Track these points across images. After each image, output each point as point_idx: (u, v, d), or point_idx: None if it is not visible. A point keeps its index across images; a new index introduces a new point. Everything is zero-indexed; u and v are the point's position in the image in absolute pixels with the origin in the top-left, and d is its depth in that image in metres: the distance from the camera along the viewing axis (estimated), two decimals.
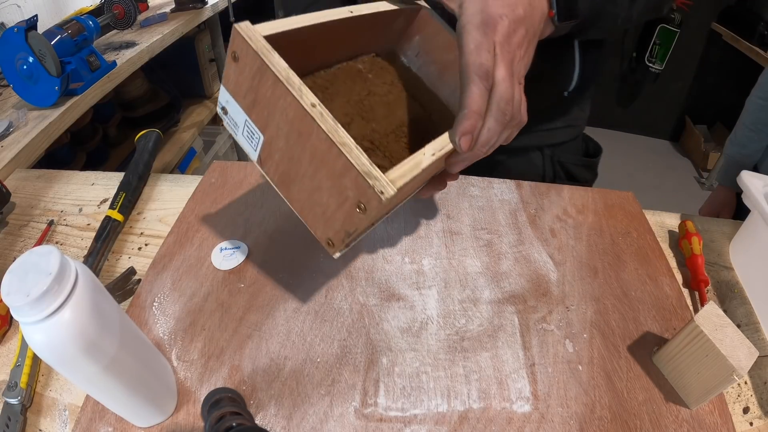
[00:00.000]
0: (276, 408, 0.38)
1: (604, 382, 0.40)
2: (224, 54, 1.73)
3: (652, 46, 2.22)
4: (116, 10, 1.18)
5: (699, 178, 2.30)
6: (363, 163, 0.29)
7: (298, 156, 0.33)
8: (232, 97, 0.35)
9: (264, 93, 0.33)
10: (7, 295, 0.25)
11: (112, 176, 0.64)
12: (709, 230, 0.58)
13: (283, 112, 0.32)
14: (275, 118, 0.33)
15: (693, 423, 0.38)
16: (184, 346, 0.42)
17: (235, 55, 0.32)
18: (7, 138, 0.76)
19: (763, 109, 0.87)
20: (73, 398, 0.40)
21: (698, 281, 0.49)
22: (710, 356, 0.36)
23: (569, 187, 0.61)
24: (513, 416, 0.38)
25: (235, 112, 0.36)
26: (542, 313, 0.46)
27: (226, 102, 0.36)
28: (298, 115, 0.31)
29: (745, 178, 0.50)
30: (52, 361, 0.28)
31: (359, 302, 0.46)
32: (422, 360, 0.42)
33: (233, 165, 0.63)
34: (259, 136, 0.35)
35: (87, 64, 0.94)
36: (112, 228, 0.54)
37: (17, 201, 0.61)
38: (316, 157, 0.32)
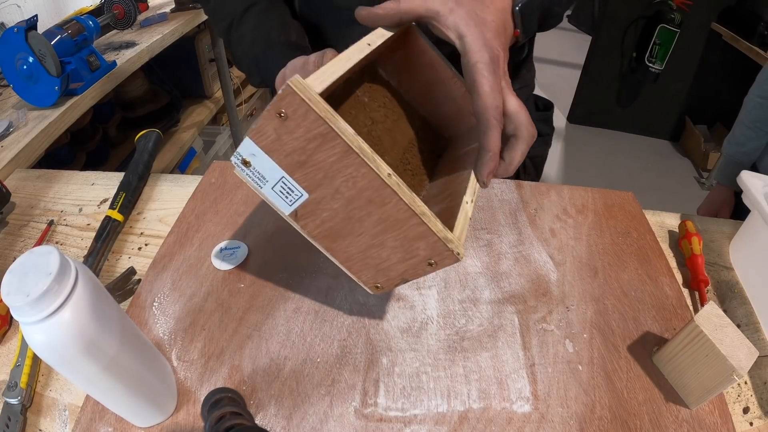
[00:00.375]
0: (276, 408, 0.38)
1: (604, 382, 0.40)
2: (224, 54, 1.73)
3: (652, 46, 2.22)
4: (116, 10, 1.18)
5: (699, 178, 2.30)
6: (440, 230, 0.32)
7: (359, 218, 0.34)
8: (266, 154, 0.32)
9: (322, 158, 0.31)
10: (7, 295, 0.25)
11: (112, 176, 0.64)
12: (709, 230, 0.58)
13: (349, 180, 0.32)
14: (334, 183, 0.32)
15: (693, 423, 0.38)
16: (184, 346, 0.42)
17: (282, 113, 0.29)
18: (7, 138, 0.76)
19: (761, 108, 0.87)
20: (73, 398, 0.40)
21: (698, 281, 0.49)
22: (710, 356, 0.36)
23: (569, 187, 0.61)
24: (513, 416, 0.38)
25: (267, 168, 0.33)
26: (542, 313, 0.46)
27: (251, 155, 0.33)
28: (371, 185, 0.31)
29: (745, 178, 0.50)
30: (52, 361, 0.28)
31: (359, 302, 0.46)
32: (422, 360, 0.42)
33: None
34: (300, 195, 0.34)
35: (87, 64, 0.94)
36: (112, 228, 0.54)
37: (17, 201, 0.61)
38: (385, 221, 0.33)
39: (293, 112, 0.29)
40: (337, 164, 0.31)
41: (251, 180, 0.34)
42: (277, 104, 0.29)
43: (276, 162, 0.32)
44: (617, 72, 2.44)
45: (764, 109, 0.87)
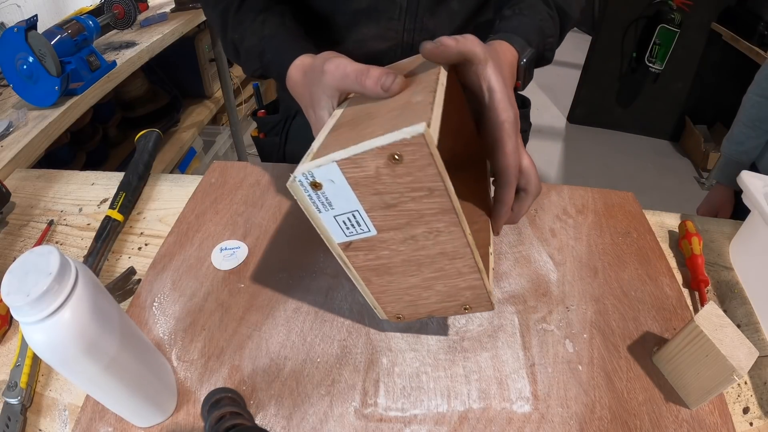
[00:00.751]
0: (276, 408, 0.38)
1: (604, 382, 0.40)
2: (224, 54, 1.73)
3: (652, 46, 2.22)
4: (116, 10, 1.18)
5: (699, 178, 2.30)
6: (489, 284, 0.35)
7: (420, 263, 0.34)
8: (350, 186, 0.30)
9: (415, 207, 0.30)
10: (7, 295, 0.25)
11: (112, 176, 0.64)
12: (709, 230, 0.58)
13: (432, 232, 0.32)
14: (413, 231, 0.32)
15: (693, 423, 0.38)
16: (184, 346, 0.42)
17: (397, 157, 0.27)
18: (7, 138, 0.76)
19: (760, 106, 0.88)
20: (73, 398, 0.40)
21: (698, 281, 0.49)
22: (710, 356, 0.36)
23: (569, 187, 0.61)
24: (513, 416, 0.38)
25: (342, 197, 0.31)
26: (542, 313, 0.46)
27: (328, 180, 0.30)
28: (452, 241, 0.32)
29: (745, 178, 0.50)
30: (52, 361, 0.28)
31: (359, 302, 0.46)
32: (422, 360, 0.42)
33: (233, 165, 0.63)
34: (366, 231, 0.32)
35: (87, 64, 0.94)
36: (112, 228, 0.54)
37: (17, 201, 0.61)
38: (445, 271, 0.34)
39: (411, 161, 0.28)
40: (428, 216, 0.31)
41: (311, 202, 0.32)
42: (396, 146, 0.27)
43: (357, 196, 0.30)
44: (617, 72, 2.44)
45: (763, 108, 0.87)
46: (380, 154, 0.28)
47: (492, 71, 0.38)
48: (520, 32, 0.48)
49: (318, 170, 0.29)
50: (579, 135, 2.59)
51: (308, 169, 0.30)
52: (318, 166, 0.29)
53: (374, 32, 0.58)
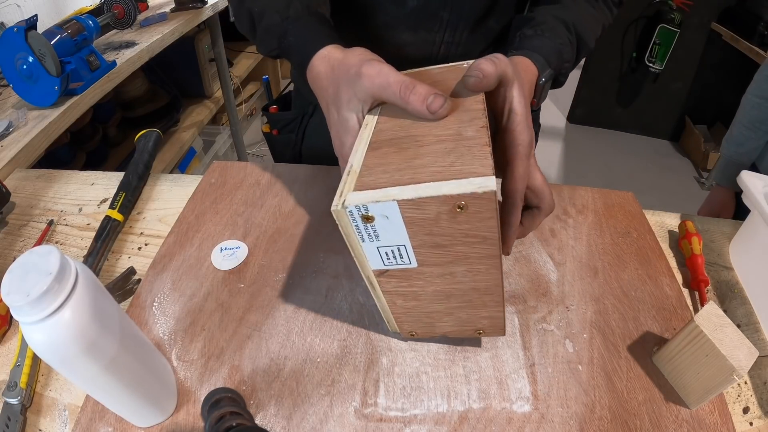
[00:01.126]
0: (276, 408, 0.38)
1: (604, 382, 0.40)
2: (224, 54, 1.73)
3: (652, 46, 2.22)
4: (116, 10, 1.18)
5: (699, 178, 2.30)
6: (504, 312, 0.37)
7: (450, 295, 0.35)
8: (405, 224, 0.29)
9: (463, 250, 0.31)
10: (7, 295, 0.25)
11: (111, 176, 0.64)
12: (709, 230, 0.58)
13: (472, 271, 0.32)
14: (454, 268, 0.32)
15: (693, 423, 0.38)
16: (184, 346, 0.42)
17: (461, 207, 0.27)
18: (7, 138, 0.76)
19: (759, 107, 0.87)
20: (73, 398, 0.40)
21: (698, 281, 0.49)
22: (710, 356, 0.36)
23: (569, 187, 0.61)
24: (513, 416, 0.38)
25: (392, 232, 0.30)
26: (542, 313, 0.46)
27: (382, 216, 0.29)
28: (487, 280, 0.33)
29: (745, 178, 0.50)
30: (52, 361, 0.28)
31: (359, 302, 0.46)
32: (422, 360, 0.42)
33: (233, 165, 0.63)
34: (408, 263, 0.32)
35: (87, 63, 0.94)
36: (112, 228, 0.54)
37: (17, 201, 0.61)
38: (473, 302, 0.36)
39: (475, 212, 0.28)
40: (473, 259, 0.31)
41: (356, 232, 0.31)
42: (463, 197, 0.27)
43: (409, 234, 0.30)
44: (617, 72, 2.44)
45: (762, 109, 0.87)
46: (445, 202, 0.27)
47: (516, 92, 0.38)
48: (542, 52, 0.49)
49: (375, 205, 0.29)
50: (579, 135, 2.59)
51: (364, 202, 0.29)
52: (376, 201, 0.28)
53: (412, 40, 0.58)
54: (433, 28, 0.57)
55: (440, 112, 0.33)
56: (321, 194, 0.58)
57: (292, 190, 0.59)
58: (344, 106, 0.38)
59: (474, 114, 0.33)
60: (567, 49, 0.52)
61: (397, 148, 0.32)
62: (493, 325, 0.38)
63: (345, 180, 0.31)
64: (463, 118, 0.33)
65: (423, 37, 0.57)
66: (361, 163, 0.32)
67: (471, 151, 0.30)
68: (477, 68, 0.35)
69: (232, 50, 2.20)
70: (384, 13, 0.56)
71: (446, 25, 0.56)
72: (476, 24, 0.57)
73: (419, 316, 0.39)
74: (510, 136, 0.38)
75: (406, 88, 0.34)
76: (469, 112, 0.34)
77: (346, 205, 0.29)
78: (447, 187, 0.27)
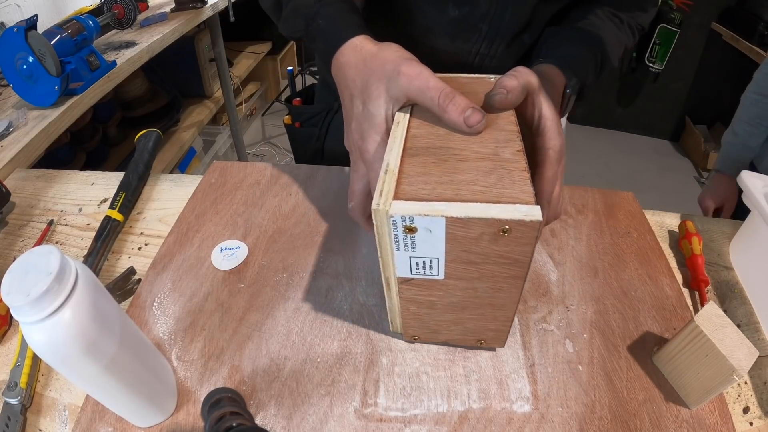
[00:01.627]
0: (276, 408, 0.38)
1: (604, 382, 0.40)
2: (224, 54, 1.73)
3: (652, 46, 2.22)
4: (116, 10, 1.18)
5: (699, 178, 2.30)
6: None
7: (464, 307, 0.36)
8: (446, 240, 0.30)
9: (492, 269, 0.31)
10: (7, 295, 0.25)
11: (112, 176, 0.64)
12: (709, 230, 0.58)
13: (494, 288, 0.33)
14: (477, 284, 0.33)
15: (693, 423, 0.38)
16: (184, 346, 0.42)
17: (505, 231, 0.28)
18: (7, 138, 0.76)
19: (757, 104, 0.88)
20: (73, 398, 0.40)
21: (698, 281, 0.49)
22: (710, 356, 0.36)
23: (569, 187, 0.61)
24: (513, 416, 0.38)
25: (430, 245, 0.30)
26: (542, 313, 0.46)
27: (426, 230, 0.29)
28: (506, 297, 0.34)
29: (745, 178, 0.50)
30: (52, 361, 0.28)
31: (359, 302, 0.46)
32: (422, 360, 0.42)
33: (233, 165, 0.63)
34: (435, 275, 0.33)
35: (87, 63, 0.94)
36: (112, 228, 0.54)
37: (17, 201, 0.61)
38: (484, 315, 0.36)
39: (516, 237, 0.29)
40: (499, 277, 0.32)
41: (394, 240, 0.31)
42: (509, 222, 0.28)
43: (447, 248, 0.30)
44: (617, 72, 2.44)
45: (761, 106, 0.88)
46: (492, 225, 0.28)
47: (544, 98, 0.38)
48: (569, 62, 0.49)
49: (422, 219, 0.29)
50: (579, 135, 2.59)
51: (410, 213, 0.29)
52: (424, 215, 0.28)
53: (448, 48, 0.58)
54: (471, 38, 0.57)
55: (477, 128, 0.33)
56: (321, 194, 0.58)
57: (292, 190, 0.59)
58: (373, 101, 0.37)
59: (509, 135, 0.34)
60: (592, 63, 0.52)
61: (436, 159, 0.33)
62: (495, 337, 0.39)
63: (383, 179, 0.31)
64: (498, 138, 0.34)
65: (460, 46, 0.58)
66: (398, 166, 0.33)
67: (511, 175, 0.31)
68: (500, 86, 0.36)
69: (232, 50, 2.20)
70: (424, 17, 0.56)
71: (484, 37, 0.56)
72: (512, 38, 0.57)
73: (427, 323, 0.39)
74: (541, 139, 0.38)
75: (446, 97, 0.34)
76: (503, 132, 0.35)
77: (391, 214, 0.29)
78: (495, 211, 0.28)
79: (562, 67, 0.49)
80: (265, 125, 2.61)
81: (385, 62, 0.37)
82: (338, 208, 0.56)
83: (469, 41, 0.57)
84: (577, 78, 0.49)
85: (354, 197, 0.41)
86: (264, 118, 2.65)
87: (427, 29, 0.57)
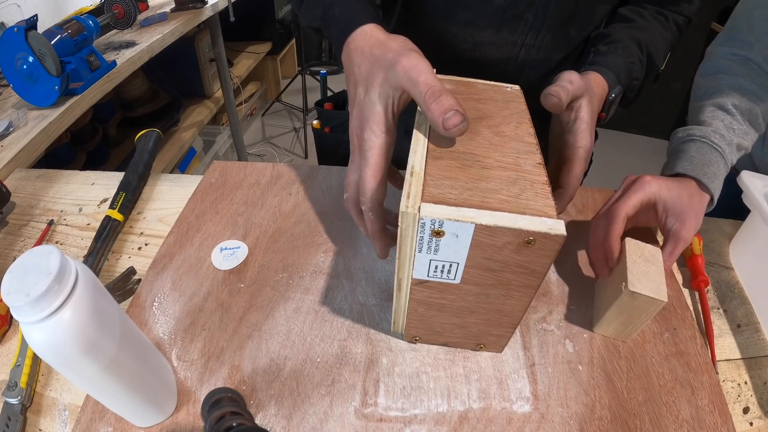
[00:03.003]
0: (276, 408, 0.38)
1: (604, 382, 0.40)
2: (224, 54, 1.73)
3: None
4: (116, 10, 1.18)
5: None
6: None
7: (473, 311, 0.36)
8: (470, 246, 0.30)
9: (510, 278, 0.32)
10: (7, 295, 0.25)
11: (112, 176, 0.64)
12: (709, 230, 0.58)
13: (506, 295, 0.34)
14: (491, 291, 0.34)
15: (693, 423, 0.38)
16: (184, 346, 0.42)
17: (530, 242, 0.29)
18: (7, 138, 0.76)
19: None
20: (73, 398, 0.40)
21: (698, 281, 0.49)
22: (618, 274, 0.41)
23: None
24: (513, 416, 0.38)
25: (453, 250, 0.30)
26: (542, 313, 0.46)
27: (453, 234, 0.29)
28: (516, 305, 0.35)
29: (745, 178, 0.50)
30: (52, 361, 0.28)
31: (359, 302, 0.46)
32: (422, 360, 0.42)
33: (233, 165, 0.63)
34: (452, 279, 0.33)
35: (87, 63, 0.94)
36: (112, 228, 0.54)
37: (17, 201, 0.61)
38: (490, 320, 0.37)
39: (538, 249, 0.29)
40: (514, 285, 0.33)
41: (418, 242, 0.30)
42: (535, 234, 0.28)
43: (469, 254, 0.31)
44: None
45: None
46: (519, 235, 0.29)
47: (586, 103, 0.42)
48: (613, 69, 0.50)
49: (451, 223, 0.29)
50: None
51: (440, 217, 0.29)
52: (454, 219, 0.29)
53: (493, 39, 0.58)
54: (517, 29, 0.56)
55: (453, 131, 0.33)
56: (321, 194, 0.58)
57: (292, 190, 0.59)
58: (375, 89, 0.37)
59: (529, 147, 0.35)
60: (637, 68, 0.53)
61: (460, 164, 0.33)
62: (496, 343, 0.40)
63: (409, 181, 0.32)
64: (519, 149, 0.35)
65: (505, 37, 0.57)
66: (423, 168, 0.33)
67: (534, 187, 0.32)
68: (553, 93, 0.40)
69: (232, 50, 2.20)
70: (467, 10, 0.56)
71: (530, 27, 0.56)
72: (558, 29, 0.57)
73: (432, 325, 0.39)
74: (573, 137, 0.42)
75: (432, 94, 0.34)
76: (524, 144, 0.35)
77: (421, 216, 0.29)
78: (522, 222, 0.29)
79: (606, 75, 0.50)
80: (265, 125, 2.61)
81: (387, 51, 0.37)
82: (338, 208, 0.56)
83: (515, 32, 0.57)
84: (621, 84, 0.51)
85: (349, 188, 0.41)
86: (264, 118, 2.65)
87: (470, 20, 0.57)
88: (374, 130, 0.37)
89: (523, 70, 0.60)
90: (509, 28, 0.57)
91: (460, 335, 0.40)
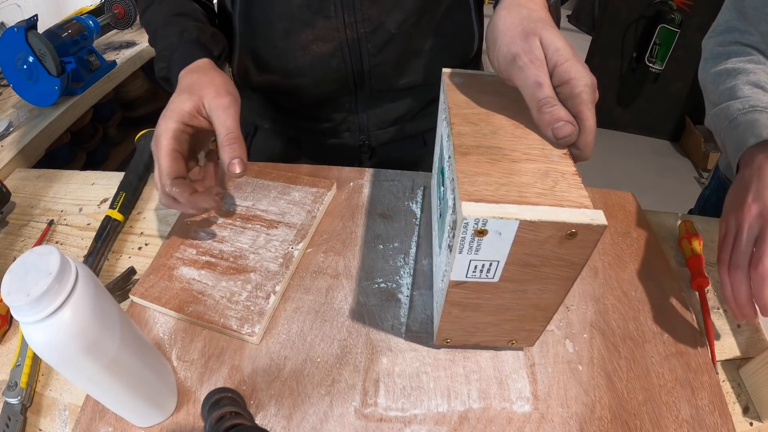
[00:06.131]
0: (276, 408, 0.38)
1: (604, 382, 0.40)
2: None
3: (652, 46, 2.21)
4: (116, 10, 1.18)
5: (699, 178, 2.30)
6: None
7: (508, 308, 0.35)
8: (512, 243, 0.29)
9: (548, 272, 0.31)
10: (8, 295, 0.25)
11: (112, 176, 0.64)
12: (709, 230, 0.58)
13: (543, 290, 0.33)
14: (528, 286, 0.33)
15: (693, 423, 0.38)
16: (184, 346, 0.42)
17: (571, 235, 0.28)
18: (7, 138, 0.76)
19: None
20: (73, 398, 0.40)
21: (698, 281, 0.49)
22: None
23: None
24: (513, 416, 0.38)
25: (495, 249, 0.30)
26: None
27: (496, 233, 0.28)
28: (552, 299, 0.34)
29: None
30: (53, 360, 0.28)
31: (359, 302, 0.46)
32: (422, 360, 0.42)
33: None
34: (491, 278, 0.32)
35: (87, 63, 0.94)
36: (112, 228, 0.54)
37: (17, 201, 0.61)
38: (524, 316, 0.36)
39: (580, 241, 0.29)
40: (551, 279, 0.32)
41: (458, 242, 0.29)
42: (578, 226, 0.28)
43: (510, 251, 0.30)
44: (617, 72, 2.44)
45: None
46: (561, 228, 0.28)
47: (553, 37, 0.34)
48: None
49: (495, 221, 0.28)
50: None
51: (484, 216, 0.28)
52: (498, 217, 0.28)
53: (312, 35, 0.55)
54: (329, 13, 0.54)
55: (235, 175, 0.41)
56: None
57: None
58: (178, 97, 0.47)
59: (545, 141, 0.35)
60: None
61: (489, 159, 0.32)
62: (528, 338, 0.39)
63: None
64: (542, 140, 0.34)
65: (323, 25, 0.54)
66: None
67: (565, 179, 0.31)
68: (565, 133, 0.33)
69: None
70: (279, 20, 0.55)
71: (341, 5, 0.53)
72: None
73: (465, 326, 0.38)
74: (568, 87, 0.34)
75: (230, 141, 0.45)
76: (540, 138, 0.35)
77: (465, 216, 0.28)
78: (564, 215, 0.28)
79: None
80: None
81: (210, 79, 0.48)
82: (338, 208, 0.56)
83: (329, 18, 0.54)
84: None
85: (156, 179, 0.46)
86: None
87: (287, 29, 0.55)
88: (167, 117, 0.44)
89: (363, 50, 0.56)
90: (322, 17, 0.54)
91: (493, 333, 0.39)
